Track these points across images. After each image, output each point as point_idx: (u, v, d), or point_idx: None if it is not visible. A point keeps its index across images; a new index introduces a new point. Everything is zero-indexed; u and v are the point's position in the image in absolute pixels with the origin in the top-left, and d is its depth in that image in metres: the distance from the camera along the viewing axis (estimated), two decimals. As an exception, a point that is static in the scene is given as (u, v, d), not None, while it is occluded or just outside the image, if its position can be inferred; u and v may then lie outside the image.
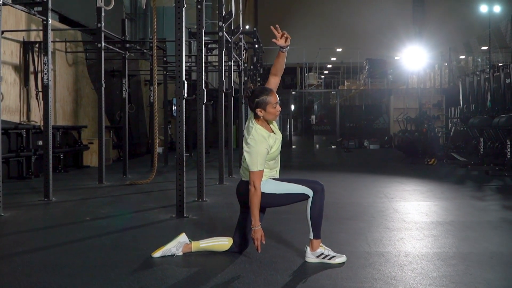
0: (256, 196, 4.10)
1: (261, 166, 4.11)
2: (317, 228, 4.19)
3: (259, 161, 4.11)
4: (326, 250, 4.23)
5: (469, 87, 17.41)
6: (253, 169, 4.10)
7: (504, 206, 7.07)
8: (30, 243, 4.96)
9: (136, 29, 19.51)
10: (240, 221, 4.43)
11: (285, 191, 4.21)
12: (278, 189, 4.22)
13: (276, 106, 4.25)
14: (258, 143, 4.14)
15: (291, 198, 4.24)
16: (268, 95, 4.23)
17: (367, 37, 38.41)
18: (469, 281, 3.75)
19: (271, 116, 4.25)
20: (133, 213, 6.58)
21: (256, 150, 4.12)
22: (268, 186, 4.21)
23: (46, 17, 7.30)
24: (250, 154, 4.13)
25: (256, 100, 4.22)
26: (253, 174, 4.11)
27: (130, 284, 3.66)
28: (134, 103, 16.29)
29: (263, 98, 4.21)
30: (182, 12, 6.13)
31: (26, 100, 10.65)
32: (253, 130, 4.21)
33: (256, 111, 4.23)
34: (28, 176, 10.22)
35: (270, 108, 4.22)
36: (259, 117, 4.24)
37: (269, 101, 4.21)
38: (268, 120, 4.28)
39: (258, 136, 4.17)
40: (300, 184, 4.20)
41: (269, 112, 4.23)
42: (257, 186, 4.10)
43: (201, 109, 7.29)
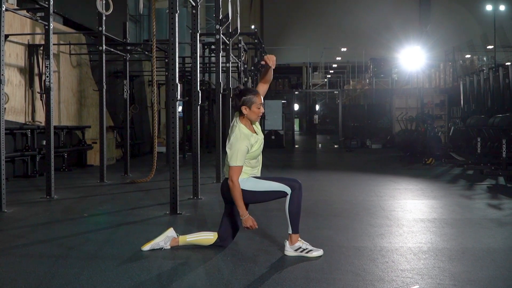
0: (235, 189, 4.41)
1: (240, 162, 4.42)
2: (295, 223, 4.47)
3: (239, 157, 4.41)
4: (304, 244, 4.49)
5: (470, 87, 17.57)
6: (232, 164, 4.42)
7: (489, 205, 7.30)
8: (29, 237, 5.28)
9: (140, 30, 19.83)
10: (224, 217, 4.72)
11: (264, 189, 4.50)
12: (257, 187, 4.51)
13: (260, 107, 4.56)
14: (239, 140, 4.45)
15: (270, 195, 4.53)
16: (255, 95, 4.55)
17: (372, 36, 38.55)
18: (436, 274, 4.00)
19: (254, 115, 4.56)
20: (129, 210, 6.87)
21: (237, 147, 4.42)
22: (248, 184, 4.51)
23: (48, 22, 7.60)
24: (231, 150, 4.45)
25: (243, 98, 4.53)
26: (232, 169, 4.43)
27: (118, 274, 3.95)
28: (138, 103, 16.62)
29: (249, 97, 4.53)
30: (176, 17, 6.41)
31: (31, 101, 10.99)
32: (236, 129, 4.53)
33: (242, 109, 4.54)
34: (33, 175, 10.54)
35: (254, 108, 4.53)
36: (244, 115, 4.55)
37: (255, 100, 4.53)
38: (251, 119, 4.58)
39: (240, 134, 4.48)
40: (279, 182, 4.49)
41: (253, 111, 4.53)
42: (234, 180, 4.41)
43: (196, 110, 7.57)
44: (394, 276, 3.93)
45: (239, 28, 10.38)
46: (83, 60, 13.50)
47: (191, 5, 7.54)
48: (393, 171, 12.10)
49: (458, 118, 19.10)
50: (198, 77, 7.71)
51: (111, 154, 13.64)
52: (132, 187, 9.10)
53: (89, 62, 13.84)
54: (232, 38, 10.49)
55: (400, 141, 18.45)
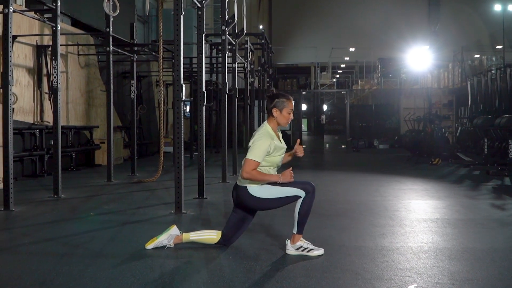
0: (254, 177, 4.39)
1: (258, 158, 4.39)
2: (301, 225, 4.52)
3: (259, 153, 4.40)
4: (305, 243, 4.55)
5: (478, 87, 17.55)
6: (250, 156, 4.40)
7: (492, 205, 7.32)
8: (35, 235, 5.37)
9: (149, 31, 19.93)
10: (232, 217, 4.74)
11: (279, 195, 4.49)
12: (272, 194, 4.50)
13: (291, 113, 4.60)
14: (263, 137, 4.46)
15: (285, 201, 4.52)
16: (288, 100, 4.60)
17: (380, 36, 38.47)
18: (434, 273, 4.04)
19: (284, 119, 4.58)
20: (135, 209, 6.95)
21: (260, 143, 4.43)
22: (263, 192, 4.50)
23: (55, 23, 7.70)
24: (253, 145, 4.44)
25: (276, 100, 4.57)
26: (248, 161, 4.39)
27: (121, 272, 4.02)
28: (146, 103, 16.73)
29: (282, 100, 4.57)
30: (181, 19, 6.49)
31: (40, 101, 11.11)
32: (263, 127, 4.58)
33: (273, 110, 4.57)
34: (41, 174, 10.66)
35: (285, 112, 4.56)
36: (273, 117, 4.57)
37: (287, 105, 4.57)
38: (280, 123, 4.60)
39: (265, 133, 4.51)
40: (293, 187, 4.48)
41: (283, 115, 4.56)
42: (248, 170, 4.36)
43: (201, 111, 7.63)
44: (393, 275, 3.97)
45: (246, 29, 10.45)
46: (91, 60, 13.62)
47: (197, 6, 7.60)
48: (399, 172, 12.13)
49: (466, 118, 19.08)
50: (204, 78, 7.77)
51: (119, 154, 13.76)
52: (139, 187, 9.19)
53: (97, 63, 13.96)
54: (239, 39, 10.55)
55: (407, 141, 18.44)
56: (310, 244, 4.56)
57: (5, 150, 6.69)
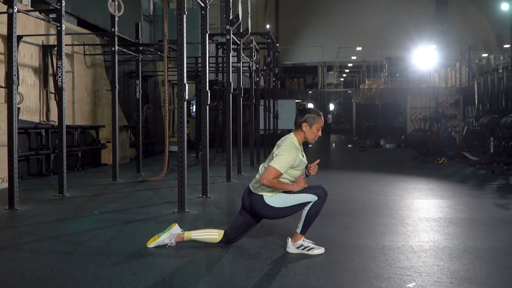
0: (274, 186, 4.34)
1: (282, 169, 4.33)
2: (307, 226, 4.52)
3: (283, 164, 4.34)
4: (306, 242, 4.56)
5: (484, 87, 17.50)
6: (274, 165, 4.32)
7: (496, 204, 7.31)
8: (38, 234, 5.42)
9: (155, 30, 19.99)
10: (237, 220, 4.75)
11: (293, 203, 4.47)
12: (286, 202, 4.47)
13: (320, 130, 4.56)
14: (291, 149, 4.40)
15: (298, 207, 4.50)
16: (319, 116, 4.53)
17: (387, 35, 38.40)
18: (434, 272, 4.05)
19: (312, 136, 4.52)
20: (138, 208, 7.00)
21: (287, 155, 4.36)
22: (278, 201, 4.48)
23: (60, 23, 7.75)
24: (280, 154, 4.37)
25: (307, 115, 4.51)
26: (271, 169, 4.32)
27: (122, 270, 4.06)
28: (152, 103, 16.78)
29: (314, 116, 4.51)
30: (183, 19, 6.51)
31: (46, 101, 11.18)
32: (290, 139, 4.50)
33: (302, 125, 4.50)
34: (47, 173, 10.72)
35: (315, 128, 4.51)
36: (302, 132, 4.50)
37: (318, 121, 4.51)
38: (308, 138, 4.53)
39: (292, 145, 4.45)
40: (306, 193, 4.46)
41: (313, 132, 4.51)
42: (269, 179, 4.30)
43: (204, 110, 7.66)
44: (392, 274, 3.99)
45: (251, 28, 10.46)
46: (97, 60, 13.69)
47: (200, 6, 7.63)
48: (404, 171, 12.12)
49: (473, 117, 19.03)
50: (208, 77, 7.80)
51: (125, 153, 13.82)
52: (143, 186, 9.24)
53: (103, 63, 14.02)
54: (243, 38, 10.57)
55: (413, 140, 18.41)
56: (311, 242, 4.57)
57: (9, 149, 6.74)
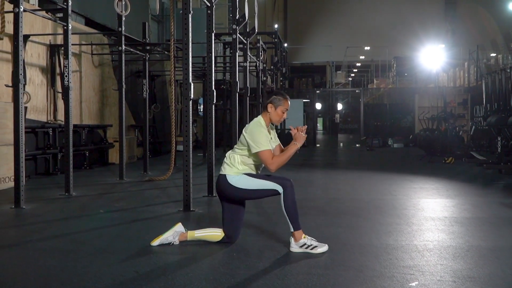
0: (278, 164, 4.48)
1: (266, 146, 4.46)
2: (295, 220, 4.54)
3: (262, 140, 4.46)
4: (309, 240, 4.56)
5: (492, 86, 17.40)
6: (261, 148, 4.45)
7: (502, 204, 7.27)
8: (44, 232, 5.45)
9: (163, 30, 20.04)
10: (224, 215, 4.79)
11: (257, 187, 4.55)
12: (250, 185, 4.56)
13: (285, 113, 4.68)
14: (258, 128, 4.53)
15: (262, 193, 4.58)
16: (284, 98, 4.67)
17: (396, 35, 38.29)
18: (437, 271, 4.04)
19: (277, 117, 4.65)
20: (144, 206, 7.02)
21: (257, 132, 4.50)
22: (241, 182, 4.57)
23: (67, 22, 7.79)
24: (252, 135, 4.49)
25: (273, 97, 4.65)
26: (261, 155, 4.47)
27: (125, 268, 4.07)
28: (160, 102, 16.83)
29: (279, 98, 4.64)
30: (189, 18, 6.54)
31: (53, 100, 11.24)
32: (256, 119, 4.64)
33: (268, 106, 4.64)
34: (54, 172, 10.78)
35: (279, 110, 4.63)
36: (267, 113, 4.64)
37: (283, 103, 4.64)
38: (272, 119, 4.66)
39: (259, 124, 4.57)
40: (270, 181, 4.53)
41: (277, 113, 4.64)
42: (270, 162, 4.45)
43: (210, 109, 7.68)
44: (395, 273, 3.98)
45: (259, 28, 10.47)
46: (105, 60, 13.74)
47: (206, 5, 7.64)
48: (412, 170, 12.08)
49: (481, 117, 18.93)
50: (214, 77, 7.82)
51: (132, 152, 13.87)
52: (150, 185, 9.27)
53: (111, 62, 14.07)
54: (250, 38, 10.57)
55: (421, 140, 18.33)
56: (314, 240, 4.57)
57: (16, 148, 6.78)
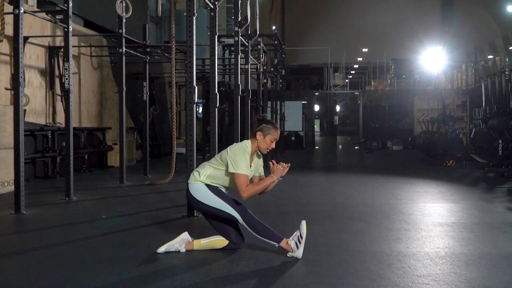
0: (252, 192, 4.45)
1: (245, 171, 4.42)
2: (271, 236, 4.50)
3: (242, 165, 4.43)
4: (293, 238, 4.48)
5: (491, 88, 17.35)
6: (239, 171, 4.41)
7: (508, 208, 7.19)
8: (46, 240, 5.33)
9: (161, 32, 19.93)
10: (213, 226, 4.74)
11: (215, 205, 4.53)
12: (209, 200, 4.54)
13: (273, 143, 4.66)
14: (241, 152, 4.49)
15: (220, 214, 4.56)
16: (275, 128, 4.65)
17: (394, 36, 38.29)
18: (452, 280, 3.95)
19: (265, 145, 4.62)
20: (146, 212, 6.91)
21: (241, 155, 4.46)
22: (201, 194, 4.55)
23: (67, 24, 7.67)
24: (234, 156, 4.45)
25: (263, 125, 4.62)
26: (237, 178, 4.43)
27: (133, 277, 3.97)
28: (159, 104, 16.69)
29: (269, 127, 4.62)
30: (193, 20, 6.43)
31: (52, 103, 11.11)
32: (242, 143, 4.60)
33: (257, 134, 4.60)
34: (53, 176, 10.65)
35: (268, 139, 4.61)
36: (255, 140, 4.60)
37: (272, 133, 4.62)
38: (260, 147, 4.64)
39: (243, 149, 4.52)
40: (230, 205, 4.49)
41: (266, 141, 4.61)
42: (244, 189, 4.41)
43: (214, 112, 7.56)
44: (410, 282, 3.88)
45: (258, 30, 10.37)
46: (104, 61, 13.62)
47: (209, 7, 7.53)
48: (413, 173, 12.00)
49: (480, 119, 18.88)
50: (216, 79, 7.71)
51: (132, 155, 13.75)
52: (151, 189, 9.15)
53: (110, 64, 13.96)
54: (251, 40, 10.48)
55: (421, 142, 18.27)
56: (294, 235, 4.49)
57: (16, 152, 6.65)
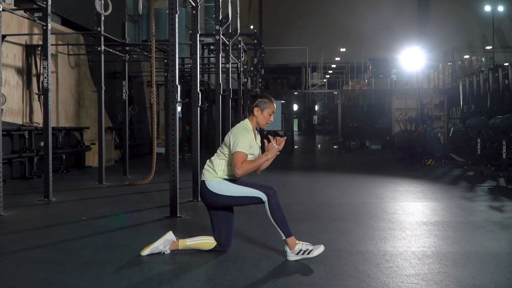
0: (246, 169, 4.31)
1: (245, 150, 4.31)
2: (284, 227, 4.39)
3: (243, 144, 4.31)
4: (304, 245, 4.41)
5: (469, 88, 17.54)
6: (238, 149, 4.29)
7: (491, 207, 7.24)
8: (27, 242, 5.19)
9: (139, 30, 19.74)
10: (213, 222, 4.63)
11: (239, 194, 4.42)
12: (231, 191, 4.42)
13: (272, 116, 4.55)
14: (244, 130, 4.41)
15: (244, 200, 4.44)
16: (271, 101, 4.55)
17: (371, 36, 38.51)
18: (441, 279, 3.93)
19: (263, 120, 4.52)
20: (128, 213, 6.80)
21: (242, 135, 4.35)
22: (222, 188, 4.43)
23: (46, 22, 7.52)
24: (235, 138, 4.34)
25: (259, 100, 4.52)
26: (237, 155, 4.29)
27: (118, 280, 3.87)
28: (137, 104, 16.54)
29: (265, 101, 4.52)
30: (175, 18, 6.34)
31: (29, 102, 10.90)
32: (242, 123, 4.52)
33: (254, 109, 4.51)
34: (30, 176, 10.45)
35: (266, 113, 4.51)
36: (253, 116, 4.52)
37: (269, 106, 4.52)
38: (259, 123, 4.54)
39: (244, 127, 4.45)
40: (254, 188, 4.40)
41: (264, 116, 4.51)
42: (239, 166, 4.27)
43: (196, 112, 7.49)
44: (400, 282, 3.86)
45: (239, 29, 10.31)
46: (81, 60, 13.42)
47: (191, 6, 7.45)
48: (393, 172, 12.05)
49: (458, 119, 19.08)
50: (198, 78, 7.63)
51: (110, 155, 13.56)
52: (131, 189, 9.02)
53: (87, 63, 13.76)
54: (232, 39, 10.41)
55: (399, 142, 18.39)
56: (308, 244, 4.42)
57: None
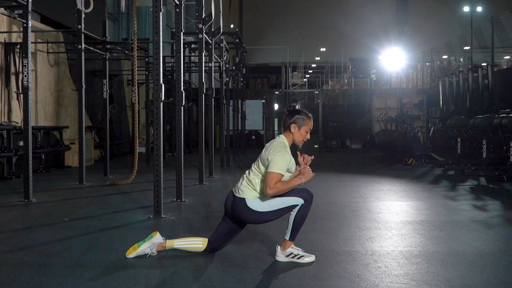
0: (279, 191, 4.16)
1: (281, 171, 4.16)
2: (295, 231, 4.33)
3: (280, 165, 4.17)
4: (296, 249, 4.37)
5: (449, 88, 17.67)
6: (272, 169, 4.14)
7: (474, 206, 7.28)
8: (8, 244, 5.07)
9: (119, 29, 19.54)
10: (220, 227, 4.51)
11: (279, 206, 4.28)
12: (271, 206, 4.29)
13: (309, 133, 4.42)
14: (283, 149, 4.25)
15: (284, 211, 4.32)
16: (309, 118, 4.40)
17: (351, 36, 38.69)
18: (430, 279, 3.92)
19: (300, 137, 4.39)
20: (111, 213, 6.69)
21: (281, 155, 4.20)
22: (263, 205, 4.28)
23: (26, 20, 7.38)
24: (273, 157, 4.18)
25: (297, 116, 4.36)
26: (271, 175, 4.14)
27: (103, 284, 3.78)
28: (117, 103, 16.37)
29: (303, 118, 4.37)
30: (160, 16, 6.27)
31: (7, 101, 10.71)
32: (280, 140, 4.35)
33: (291, 126, 4.36)
34: (9, 176, 10.27)
35: (303, 130, 4.38)
36: (290, 133, 4.37)
37: (307, 123, 4.38)
38: (295, 140, 4.40)
39: (283, 146, 4.30)
40: (291, 196, 4.29)
41: (301, 133, 4.37)
42: (272, 186, 4.12)
43: (179, 111, 7.41)
44: (389, 282, 3.84)
45: (222, 27, 10.25)
46: (61, 58, 13.23)
47: (175, 4, 7.37)
48: (375, 172, 12.09)
49: (437, 118, 19.22)
50: (182, 77, 7.55)
51: (90, 155, 13.40)
52: (113, 190, 8.90)
53: (67, 61, 13.57)
54: (215, 38, 10.35)
55: (380, 141, 18.49)
56: (300, 250, 4.39)
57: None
